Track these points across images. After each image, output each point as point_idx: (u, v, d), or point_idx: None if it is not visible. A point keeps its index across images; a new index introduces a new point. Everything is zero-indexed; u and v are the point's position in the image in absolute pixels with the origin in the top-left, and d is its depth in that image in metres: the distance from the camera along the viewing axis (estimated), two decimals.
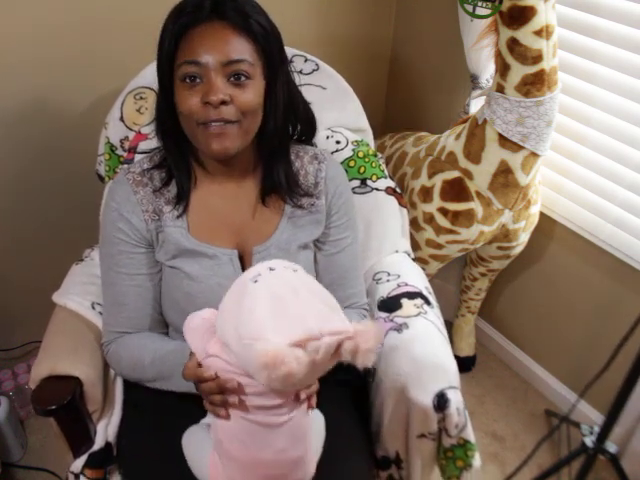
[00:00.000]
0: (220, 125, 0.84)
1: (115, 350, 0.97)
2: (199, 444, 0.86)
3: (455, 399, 0.88)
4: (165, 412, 0.95)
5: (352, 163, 1.25)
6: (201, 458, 0.84)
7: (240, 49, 0.84)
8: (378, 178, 1.26)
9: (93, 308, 1.08)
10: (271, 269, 0.72)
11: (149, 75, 1.24)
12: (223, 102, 0.82)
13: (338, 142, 1.27)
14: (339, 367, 1.06)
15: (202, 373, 0.77)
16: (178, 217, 0.95)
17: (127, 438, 0.99)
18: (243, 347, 0.68)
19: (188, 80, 0.84)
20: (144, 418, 0.98)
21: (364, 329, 0.67)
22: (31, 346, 1.63)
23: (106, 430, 0.99)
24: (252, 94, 0.85)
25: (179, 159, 0.96)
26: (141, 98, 1.24)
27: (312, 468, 0.84)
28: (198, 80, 0.83)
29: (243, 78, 0.84)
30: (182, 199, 0.95)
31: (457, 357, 1.77)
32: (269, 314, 0.67)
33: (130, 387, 1.04)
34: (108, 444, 0.98)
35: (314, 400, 0.82)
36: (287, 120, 0.97)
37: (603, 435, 1.24)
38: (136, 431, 0.98)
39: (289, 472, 0.80)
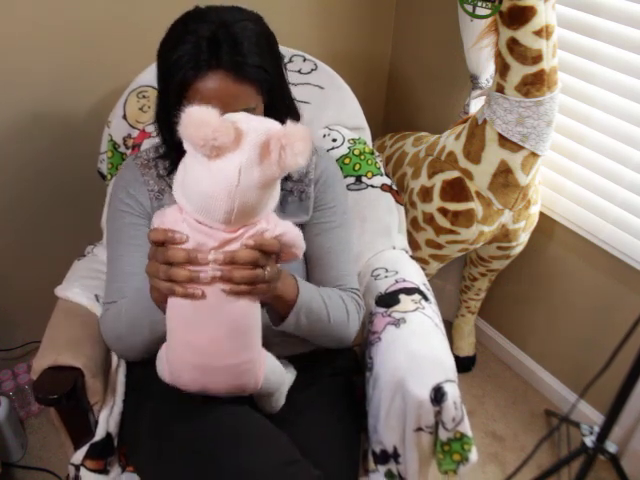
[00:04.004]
0: None
1: (117, 306, 0.96)
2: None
3: (452, 392, 0.88)
4: (167, 399, 0.95)
5: (347, 160, 1.27)
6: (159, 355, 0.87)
7: (245, 99, 0.86)
8: (373, 175, 1.28)
9: (97, 300, 1.10)
10: None
11: (151, 74, 1.25)
12: None
13: (334, 140, 1.29)
14: (336, 356, 1.08)
15: (172, 233, 0.73)
16: None
17: (129, 425, 1.00)
18: (194, 155, 0.70)
19: None
20: (146, 406, 0.98)
21: (293, 128, 0.69)
22: (31, 346, 1.63)
23: (107, 421, 0.99)
24: None
25: (181, 155, 0.98)
26: (144, 97, 1.25)
27: (258, 378, 0.83)
28: None
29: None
30: None
31: (457, 357, 1.81)
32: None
33: (132, 375, 1.05)
34: (109, 435, 0.98)
35: (259, 288, 0.77)
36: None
37: (603, 435, 1.24)
38: (138, 418, 0.98)
39: (225, 367, 0.78)
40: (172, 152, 1.00)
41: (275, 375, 0.88)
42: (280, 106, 0.94)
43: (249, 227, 0.74)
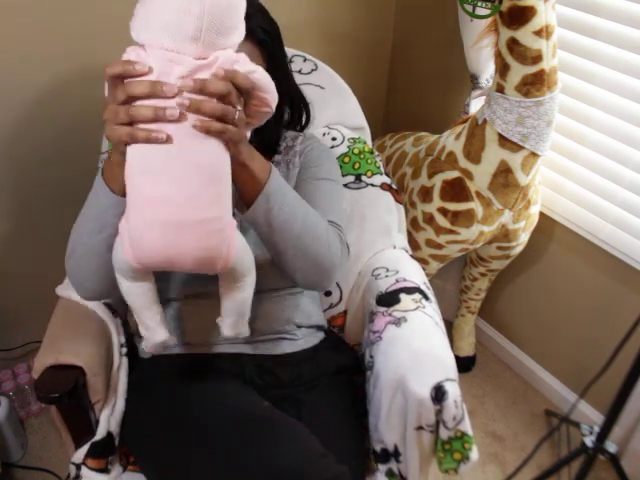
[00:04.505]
0: None
1: None
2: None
3: (453, 391, 0.88)
4: (167, 395, 0.95)
5: (347, 159, 1.28)
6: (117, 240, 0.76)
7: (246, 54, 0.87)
8: (373, 174, 1.28)
9: None
10: None
11: None
12: None
13: (334, 139, 1.29)
14: (339, 354, 1.08)
15: (132, 64, 0.63)
16: None
17: (131, 424, 1.00)
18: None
19: None
20: (148, 405, 0.98)
21: None
22: (31, 346, 1.63)
23: (109, 420, 0.99)
24: None
25: None
26: None
27: (231, 246, 0.73)
28: None
29: None
30: None
31: (457, 357, 1.81)
32: None
33: (133, 375, 1.05)
34: (110, 434, 0.98)
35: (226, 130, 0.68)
36: (282, 108, 1.04)
37: (603, 435, 1.24)
38: (140, 417, 0.99)
39: (195, 222, 0.69)
40: None
41: (247, 254, 0.78)
42: (279, 85, 0.94)
43: (219, 55, 0.67)
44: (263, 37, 0.91)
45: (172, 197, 0.68)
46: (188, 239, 0.70)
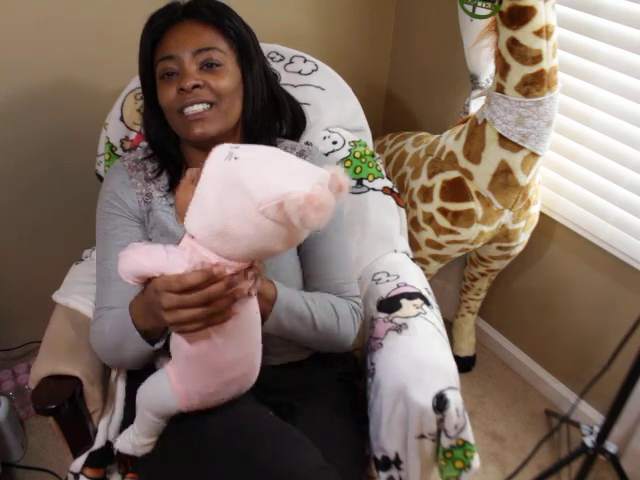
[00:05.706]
0: (197, 109, 0.90)
1: (99, 323, 0.94)
2: (154, 380, 0.85)
3: (454, 400, 0.87)
4: None
5: (348, 163, 1.26)
6: (161, 386, 0.83)
7: (210, 39, 0.92)
8: (375, 178, 1.26)
9: None
10: (235, 147, 0.68)
11: None
12: (197, 87, 0.89)
13: (335, 142, 1.27)
14: (338, 360, 1.08)
15: (212, 270, 0.67)
16: (168, 205, 1.01)
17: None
18: (260, 214, 0.63)
19: (166, 76, 0.92)
20: None
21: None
22: (31, 346, 1.63)
23: (107, 429, 0.99)
24: (225, 79, 0.92)
25: (167, 157, 1.03)
26: (141, 98, 1.24)
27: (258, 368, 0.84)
28: (175, 75, 0.91)
29: (215, 65, 0.91)
30: (171, 191, 1.01)
31: (457, 357, 1.81)
32: (277, 174, 0.64)
33: (132, 384, 1.03)
34: (109, 443, 0.98)
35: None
36: (269, 111, 1.02)
37: (603, 435, 1.24)
38: None
39: (248, 371, 0.82)
40: (158, 156, 1.03)
41: None
42: (258, 80, 0.98)
43: None
44: (231, 26, 0.93)
45: (238, 360, 0.79)
46: (236, 384, 0.82)
